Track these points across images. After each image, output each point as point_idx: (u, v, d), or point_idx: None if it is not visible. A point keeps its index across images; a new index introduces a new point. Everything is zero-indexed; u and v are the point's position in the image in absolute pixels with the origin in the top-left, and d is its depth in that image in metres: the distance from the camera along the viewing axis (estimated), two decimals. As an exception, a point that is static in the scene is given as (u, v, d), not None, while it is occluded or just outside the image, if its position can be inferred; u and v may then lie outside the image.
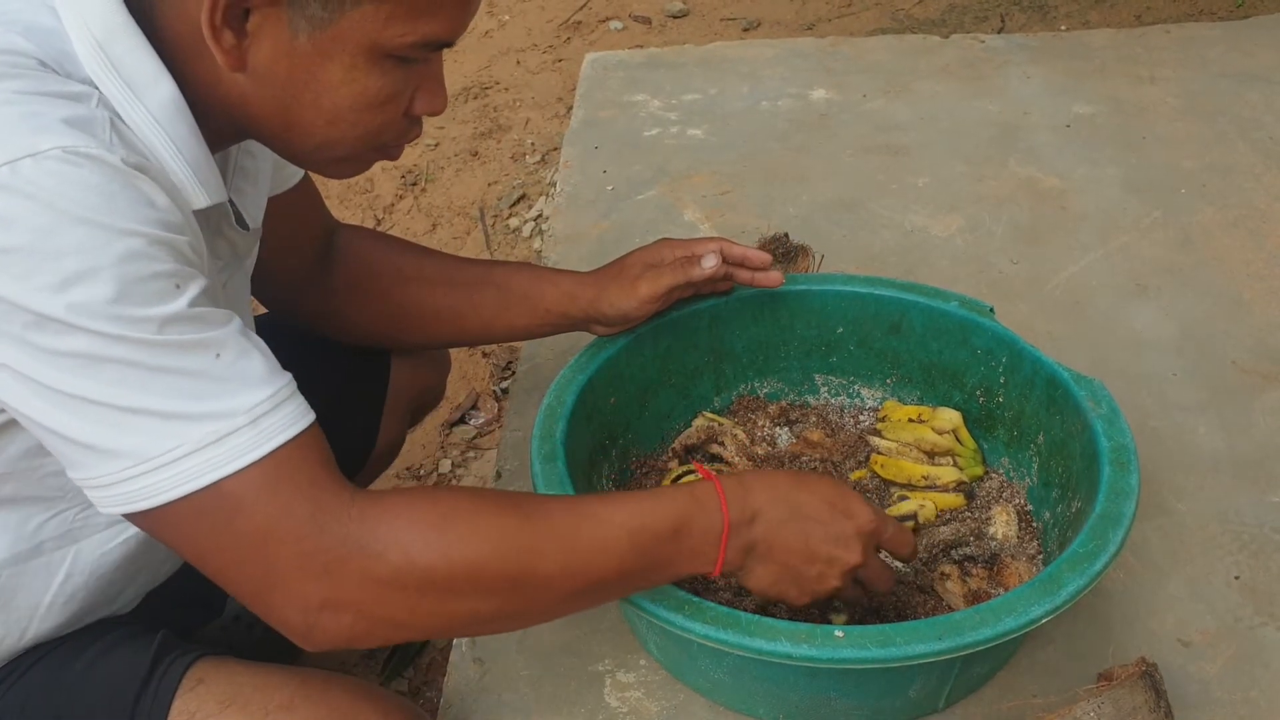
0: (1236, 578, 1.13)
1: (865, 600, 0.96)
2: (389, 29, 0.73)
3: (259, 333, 0.98)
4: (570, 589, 0.79)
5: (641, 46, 2.71)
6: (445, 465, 1.74)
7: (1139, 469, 0.97)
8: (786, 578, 0.88)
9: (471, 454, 1.77)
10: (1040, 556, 1.09)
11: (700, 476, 0.87)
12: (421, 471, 1.74)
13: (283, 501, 0.70)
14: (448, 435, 1.81)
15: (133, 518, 0.72)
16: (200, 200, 0.76)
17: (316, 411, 1.17)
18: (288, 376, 0.74)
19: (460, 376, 1.88)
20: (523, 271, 1.15)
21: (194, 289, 0.70)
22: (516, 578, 0.76)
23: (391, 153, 0.84)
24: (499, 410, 1.82)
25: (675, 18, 2.97)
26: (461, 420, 1.83)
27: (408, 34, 0.74)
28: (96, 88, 0.71)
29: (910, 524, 1.11)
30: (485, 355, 1.93)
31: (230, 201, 0.87)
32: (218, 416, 0.69)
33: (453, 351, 1.40)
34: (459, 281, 1.13)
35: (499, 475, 1.29)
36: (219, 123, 0.80)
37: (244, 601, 0.73)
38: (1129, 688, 0.90)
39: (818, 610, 1.03)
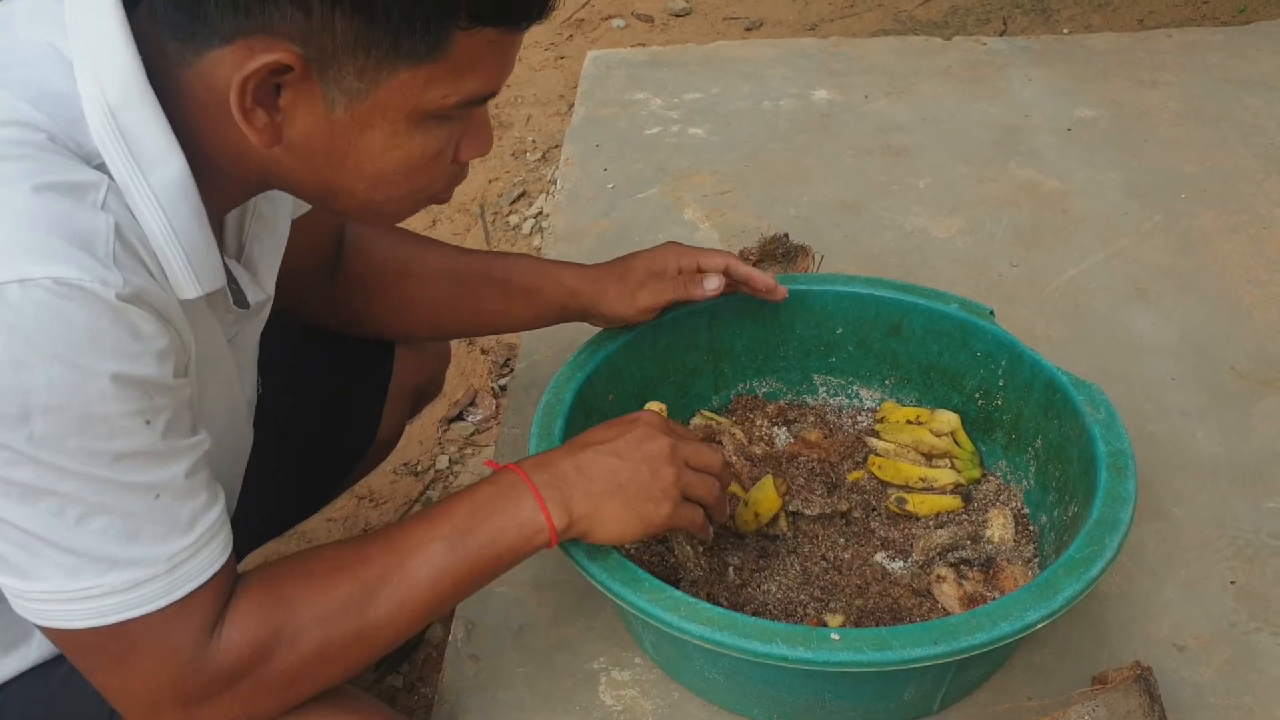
0: (1232, 583, 1.13)
1: (719, 494, 0.95)
2: (430, 92, 0.71)
3: (267, 329, 0.97)
4: (411, 616, 0.82)
5: (644, 45, 2.71)
6: (443, 461, 1.74)
7: (1136, 474, 0.97)
8: (634, 497, 0.87)
9: (469, 450, 1.77)
10: (1036, 560, 1.09)
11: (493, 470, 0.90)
12: (419, 468, 1.74)
13: (171, 646, 0.73)
14: (445, 431, 1.81)
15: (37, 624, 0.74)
16: (191, 291, 0.73)
17: (321, 405, 1.18)
18: (218, 510, 0.75)
19: (459, 373, 1.88)
20: (524, 265, 1.15)
21: (162, 422, 0.69)
22: (360, 634, 0.80)
23: (441, 198, 0.83)
24: (497, 407, 1.82)
25: (678, 16, 2.97)
26: (459, 417, 1.83)
27: (450, 95, 0.72)
28: (104, 163, 0.69)
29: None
30: (484, 352, 1.93)
31: (234, 277, 0.84)
32: (138, 563, 0.70)
33: (452, 347, 1.40)
34: (461, 276, 1.13)
35: (496, 472, 1.29)
36: (243, 184, 0.78)
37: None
38: (1123, 691, 0.90)
39: (814, 612, 1.03)
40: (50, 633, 0.72)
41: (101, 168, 0.69)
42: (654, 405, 1.22)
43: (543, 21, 0.74)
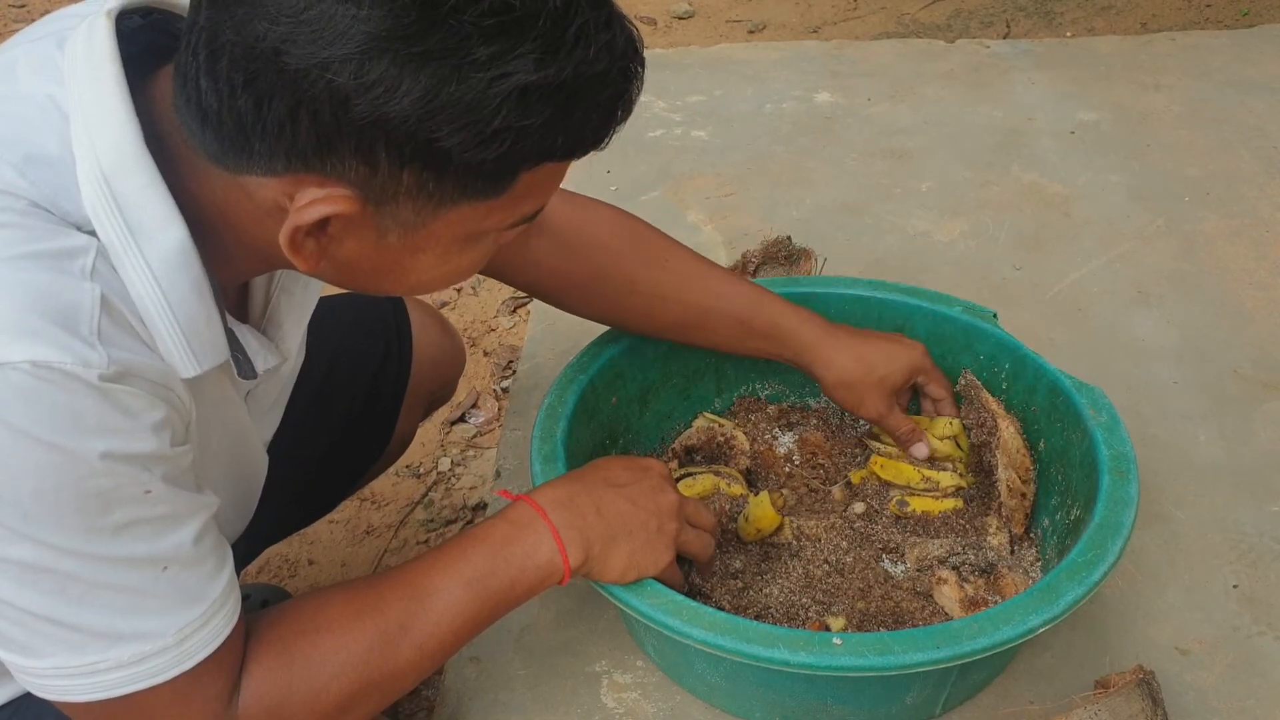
0: (1235, 586, 1.12)
1: (711, 552, 0.99)
2: (489, 219, 0.69)
3: (317, 319, 0.93)
4: (433, 662, 0.82)
5: (646, 47, 2.71)
6: (444, 464, 1.74)
7: (1138, 478, 0.97)
8: (640, 546, 0.89)
9: (471, 453, 1.77)
10: (1038, 564, 1.09)
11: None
12: (421, 470, 1.74)
13: (188, 716, 0.71)
14: (448, 433, 1.81)
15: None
16: (188, 370, 0.69)
17: (345, 417, 1.18)
18: (226, 574, 0.73)
19: (461, 374, 1.88)
20: (767, 309, 1.12)
21: (163, 491, 0.67)
22: (381, 684, 0.79)
23: None
24: (499, 409, 1.82)
25: (681, 19, 2.98)
26: (462, 419, 1.83)
27: (507, 219, 0.70)
28: (94, 231, 0.65)
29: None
30: (486, 354, 1.93)
31: (241, 344, 0.79)
32: (146, 637, 0.68)
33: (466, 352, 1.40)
34: (704, 317, 1.12)
35: (498, 474, 1.29)
36: (263, 267, 0.75)
37: None
38: (1126, 695, 0.90)
39: (816, 615, 1.03)
40: (62, 706, 0.70)
41: (94, 235, 0.65)
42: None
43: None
